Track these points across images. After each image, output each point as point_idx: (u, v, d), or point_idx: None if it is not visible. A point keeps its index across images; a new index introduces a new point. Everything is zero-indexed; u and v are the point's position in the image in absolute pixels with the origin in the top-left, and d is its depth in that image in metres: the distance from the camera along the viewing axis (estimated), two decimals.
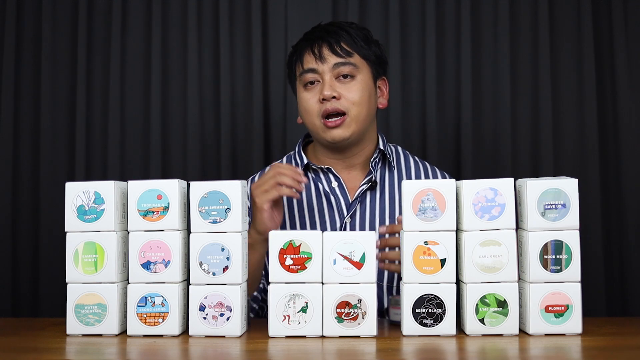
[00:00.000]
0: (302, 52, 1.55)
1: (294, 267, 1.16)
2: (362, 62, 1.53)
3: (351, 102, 1.50)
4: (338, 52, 1.51)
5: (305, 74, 1.53)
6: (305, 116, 1.55)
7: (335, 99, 1.50)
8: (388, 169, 1.60)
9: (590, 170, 1.98)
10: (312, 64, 1.52)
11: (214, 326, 1.18)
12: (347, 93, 1.51)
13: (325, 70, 1.51)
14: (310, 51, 1.53)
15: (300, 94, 1.55)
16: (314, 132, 1.56)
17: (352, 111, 1.51)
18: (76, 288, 1.21)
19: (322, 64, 1.51)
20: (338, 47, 1.51)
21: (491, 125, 2.03)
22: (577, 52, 2.02)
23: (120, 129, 2.06)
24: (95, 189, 1.21)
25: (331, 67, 1.51)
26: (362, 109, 1.52)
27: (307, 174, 1.59)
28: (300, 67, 1.55)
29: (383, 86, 1.61)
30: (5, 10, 2.08)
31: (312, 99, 1.52)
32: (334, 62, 1.51)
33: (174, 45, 2.08)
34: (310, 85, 1.53)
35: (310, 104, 1.53)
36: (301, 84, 1.55)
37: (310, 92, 1.53)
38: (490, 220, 1.17)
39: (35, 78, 2.09)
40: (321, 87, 1.51)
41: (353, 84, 1.51)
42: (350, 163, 1.59)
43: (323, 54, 1.51)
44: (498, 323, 1.17)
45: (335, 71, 1.51)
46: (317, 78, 1.52)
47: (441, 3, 2.04)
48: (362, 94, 1.52)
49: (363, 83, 1.52)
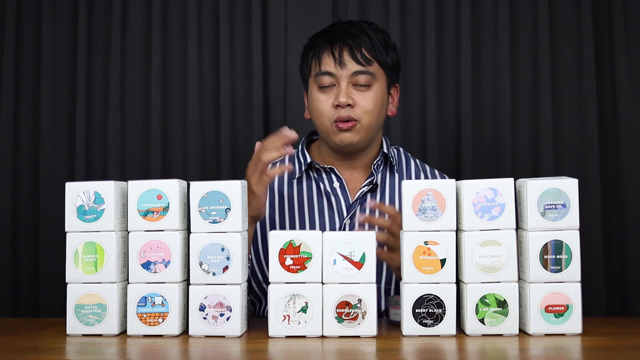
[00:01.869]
0: (321, 51, 1.52)
1: (294, 267, 1.16)
2: (380, 70, 1.52)
3: (364, 110, 1.50)
4: (358, 59, 1.49)
5: (322, 76, 1.51)
6: (316, 117, 1.54)
7: (350, 106, 1.49)
8: (390, 171, 1.60)
9: (590, 170, 1.98)
10: (330, 67, 1.50)
11: (214, 326, 1.18)
12: (362, 101, 1.50)
13: (343, 76, 1.50)
14: (330, 53, 1.51)
15: (314, 94, 1.54)
16: (323, 133, 1.55)
17: (364, 119, 1.50)
18: (76, 288, 1.21)
19: (340, 69, 1.50)
20: (359, 54, 1.50)
21: (491, 125, 2.03)
22: (577, 52, 2.02)
23: (120, 129, 2.06)
24: (95, 189, 1.21)
25: (350, 74, 1.49)
26: (374, 118, 1.51)
27: (309, 173, 1.59)
28: (317, 67, 1.53)
29: (395, 93, 1.60)
30: (5, 10, 2.08)
31: (325, 102, 1.51)
32: (354, 70, 1.49)
33: (174, 45, 2.08)
34: (326, 88, 1.52)
35: (323, 107, 1.51)
36: (316, 84, 1.53)
37: (325, 94, 1.52)
38: (490, 220, 1.17)
39: (35, 78, 2.09)
40: (337, 92, 1.50)
41: (368, 93, 1.50)
42: (354, 165, 1.59)
43: (343, 59, 1.49)
44: (498, 323, 1.17)
45: (353, 79, 1.50)
46: (334, 82, 1.50)
47: (441, 3, 2.04)
48: (376, 103, 1.51)
49: (378, 92, 1.51)
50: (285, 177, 1.60)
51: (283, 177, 1.60)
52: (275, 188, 1.59)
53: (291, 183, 1.59)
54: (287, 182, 1.59)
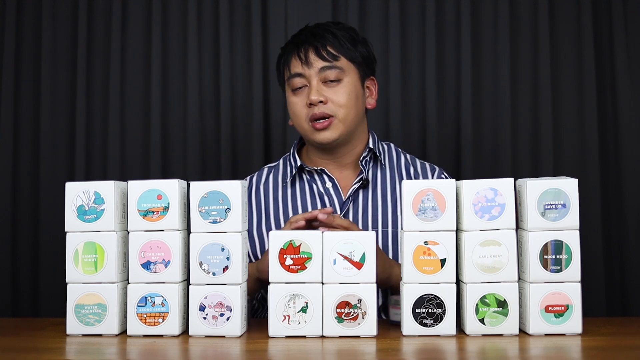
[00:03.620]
0: (289, 56, 1.57)
1: (294, 267, 1.16)
2: (349, 64, 1.54)
3: (338, 105, 1.52)
4: (324, 56, 1.52)
5: (293, 79, 1.55)
6: (294, 120, 1.58)
7: (322, 103, 1.51)
8: (379, 167, 1.61)
9: (590, 170, 1.98)
10: (298, 68, 1.54)
11: (214, 326, 1.18)
12: (334, 96, 1.52)
13: (311, 74, 1.53)
14: (297, 55, 1.55)
15: (289, 98, 1.57)
16: (304, 135, 1.58)
17: (340, 114, 1.52)
18: (76, 288, 1.21)
19: (308, 69, 1.53)
20: (324, 51, 1.53)
21: (491, 125, 2.03)
22: (577, 52, 2.02)
23: (120, 128, 2.06)
24: (95, 189, 1.21)
25: (317, 71, 1.52)
26: (350, 111, 1.53)
27: (301, 175, 1.61)
28: (288, 72, 1.57)
29: (372, 86, 1.62)
30: (5, 11, 2.08)
31: (300, 103, 1.54)
32: (320, 66, 1.52)
33: (174, 45, 2.08)
34: (298, 89, 1.55)
35: (298, 108, 1.55)
36: (289, 88, 1.57)
37: (298, 96, 1.55)
38: (490, 220, 1.17)
39: (35, 78, 2.09)
40: (308, 91, 1.53)
41: (339, 88, 1.53)
42: (342, 163, 1.61)
43: (309, 59, 1.53)
44: (498, 323, 1.17)
45: (321, 75, 1.52)
46: (305, 82, 1.54)
47: (441, 3, 2.04)
48: (349, 96, 1.53)
49: (350, 86, 1.53)
50: (279, 182, 1.62)
51: (277, 182, 1.62)
52: (270, 194, 1.61)
53: (285, 187, 1.60)
54: (281, 186, 1.60)
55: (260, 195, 1.62)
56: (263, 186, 1.63)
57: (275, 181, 1.63)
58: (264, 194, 1.62)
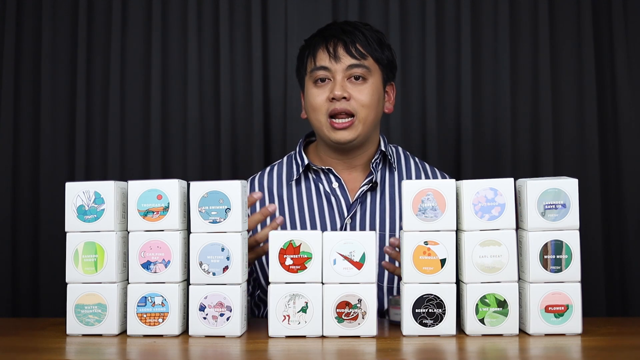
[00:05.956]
0: (316, 48, 1.54)
1: (294, 267, 1.16)
2: (375, 65, 1.53)
3: (361, 104, 1.51)
4: (353, 54, 1.51)
5: (317, 71, 1.53)
6: (311, 112, 1.55)
7: (345, 99, 1.50)
8: (389, 170, 1.60)
9: (590, 170, 1.98)
10: (325, 62, 1.52)
11: (214, 326, 1.18)
12: (358, 95, 1.51)
13: (338, 70, 1.51)
14: (325, 49, 1.52)
15: (309, 90, 1.55)
16: (318, 129, 1.55)
17: (361, 113, 1.51)
18: (76, 288, 1.21)
19: (335, 64, 1.51)
20: (353, 48, 1.51)
21: (491, 125, 2.03)
22: (577, 52, 2.02)
23: (120, 129, 2.06)
24: (95, 189, 1.21)
25: (345, 67, 1.51)
26: (371, 112, 1.52)
27: (307, 174, 1.60)
28: (313, 63, 1.54)
29: (391, 91, 1.61)
30: (5, 10, 2.08)
31: (321, 96, 1.52)
32: (349, 63, 1.51)
33: (174, 45, 2.08)
34: (321, 82, 1.53)
35: (318, 101, 1.52)
36: (311, 80, 1.54)
37: (320, 89, 1.53)
38: (490, 220, 1.17)
39: (35, 78, 2.09)
40: (332, 86, 1.51)
41: (364, 87, 1.51)
42: (352, 164, 1.59)
43: (338, 54, 1.51)
44: (498, 323, 1.17)
45: (348, 72, 1.51)
46: (329, 76, 1.52)
47: (441, 3, 2.04)
48: (372, 97, 1.52)
49: (374, 86, 1.52)
50: (283, 180, 1.60)
51: (282, 180, 1.60)
52: (274, 191, 1.60)
53: (290, 185, 1.59)
54: (286, 184, 1.59)
55: (264, 195, 1.61)
56: (267, 185, 1.62)
57: (279, 180, 1.61)
58: (267, 193, 1.60)
